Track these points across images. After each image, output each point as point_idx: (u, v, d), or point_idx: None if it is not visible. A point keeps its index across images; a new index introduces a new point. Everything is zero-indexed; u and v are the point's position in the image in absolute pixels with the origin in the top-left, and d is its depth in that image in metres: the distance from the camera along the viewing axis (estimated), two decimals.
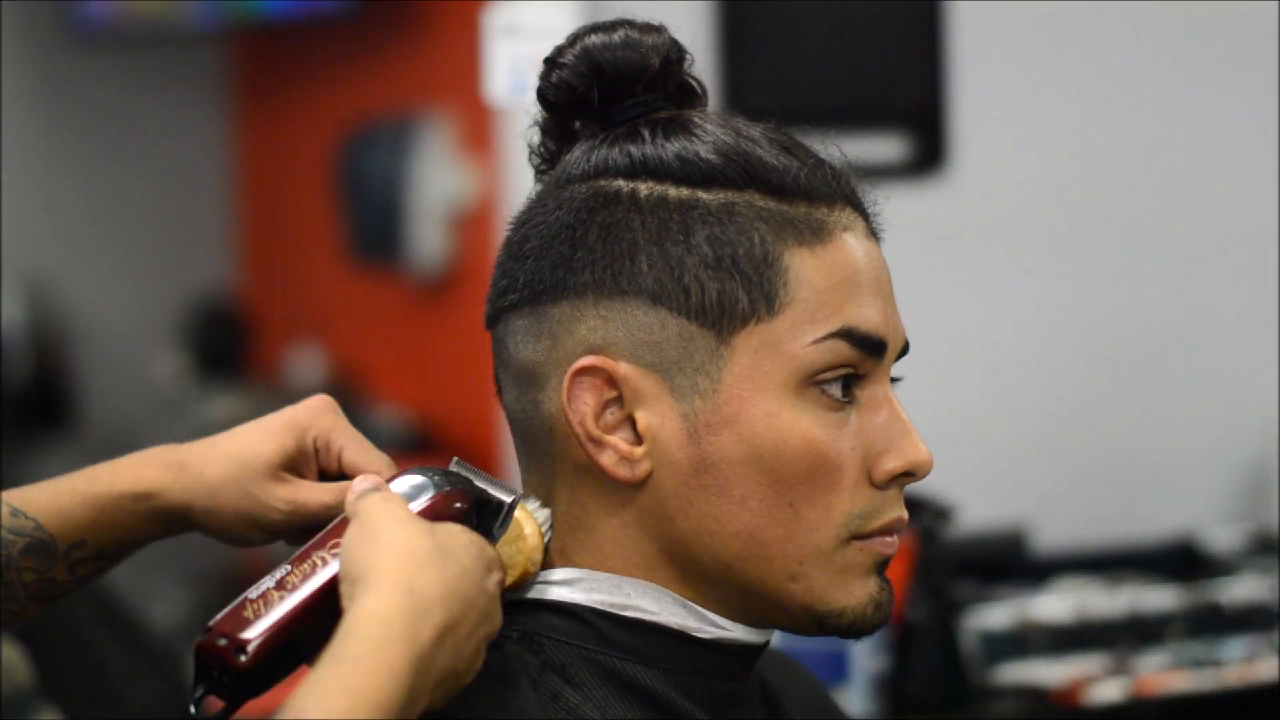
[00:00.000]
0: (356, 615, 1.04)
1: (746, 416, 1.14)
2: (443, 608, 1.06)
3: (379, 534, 1.09)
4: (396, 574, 1.06)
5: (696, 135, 1.17)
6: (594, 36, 1.19)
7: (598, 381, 1.15)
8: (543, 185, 1.21)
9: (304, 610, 1.10)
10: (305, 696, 1.01)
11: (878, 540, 1.17)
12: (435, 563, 1.07)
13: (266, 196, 5.43)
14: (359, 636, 1.03)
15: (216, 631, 1.10)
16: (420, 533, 1.09)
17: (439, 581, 1.07)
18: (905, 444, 1.16)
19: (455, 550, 1.09)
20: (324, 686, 1.01)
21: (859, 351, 1.15)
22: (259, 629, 1.09)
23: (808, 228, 1.16)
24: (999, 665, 2.50)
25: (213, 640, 1.09)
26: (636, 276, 1.14)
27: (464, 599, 1.08)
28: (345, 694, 1.01)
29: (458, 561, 1.09)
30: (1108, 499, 3.04)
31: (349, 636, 1.03)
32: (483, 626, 1.09)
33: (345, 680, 1.02)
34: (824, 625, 1.17)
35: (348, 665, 1.02)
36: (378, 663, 1.02)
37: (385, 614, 1.04)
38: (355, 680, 1.02)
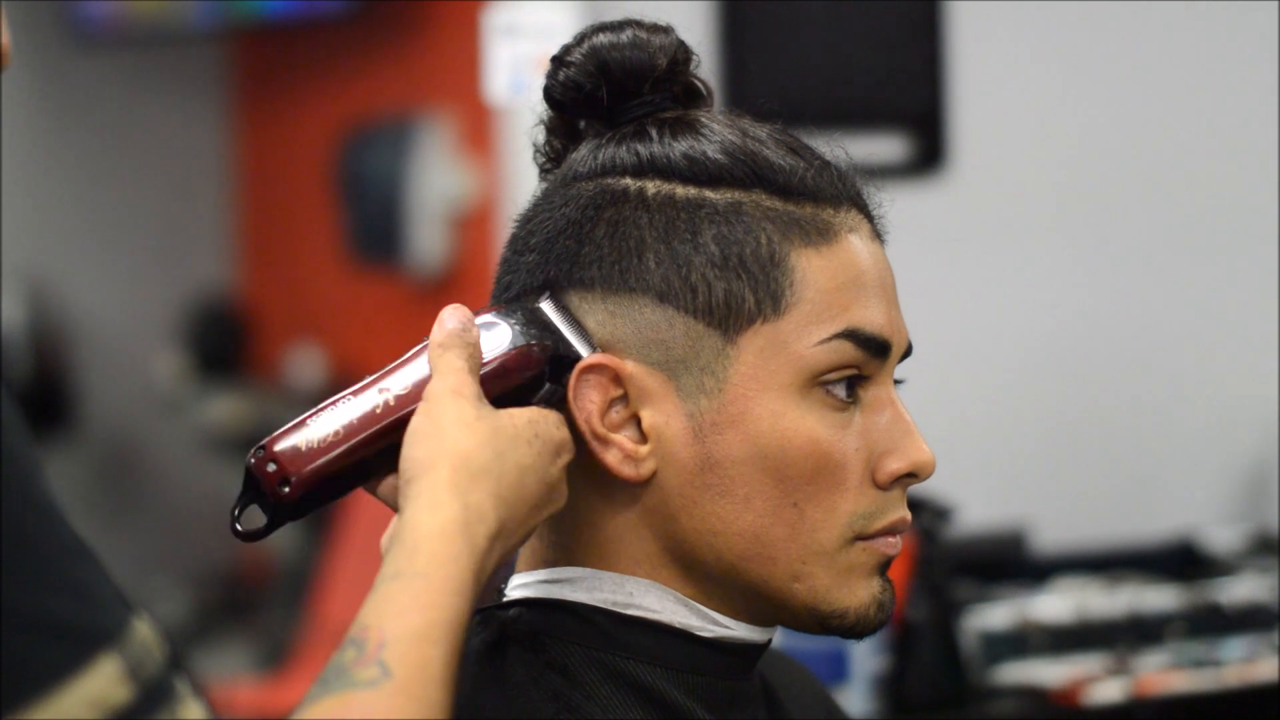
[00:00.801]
0: (418, 529, 1.05)
1: (751, 416, 1.14)
2: (495, 516, 1.07)
3: (442, 436, 1.09)
4: (454, 487, 1.07)
5: (704, 135, 1.17)
6: (602, 36, 1.19)
7: (603, 379, 1.15)
8: (548, 183, 1.21)
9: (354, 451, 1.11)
10: (381, 614, 1.02)
11: (881, 540, 1.17)
12: (492, 473, 1.08)
13: (266, 196, 5.43)
14: (425, 552, 1.04)
15: (268, 455, 1.11)
16: (481, 438, 1.09)
17: (493, 492, 1.07)
18: (909, 445, 1.16)
19: (516, 449, 1.09)
20: (400, 604, 1.02)
21: (864, 352, 1.15)
22: (307, 465, 1.10)
23: (814, 228, 1.16)
24: (999, 665, 2.51)
25: (263, 464, 1.11)
26: (644, 274, 1.15)
27: (516, 501, 1.09)
28: (420, 612, 1.02)
29: (516, 463, 1.09)
30: (1108, 499, 3.05)
31: (415, 552, 1.04)
32: (541, 510, 1.11)
33: (420, 598, 1.02)
34: (827, 625, 1.17)
35: (420, 582, 1.03)
36: (447, 578, 1.03)
37: (449, 529, 1.05)
38: (429, 598, 1.03)
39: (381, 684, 0.99)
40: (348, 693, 0.99)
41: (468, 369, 1.12)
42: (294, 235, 5.26)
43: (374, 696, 0.99)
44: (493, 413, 1.11)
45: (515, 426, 1.10)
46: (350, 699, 0.98)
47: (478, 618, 1.18)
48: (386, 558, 1.05)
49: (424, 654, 1.01)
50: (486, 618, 1.18)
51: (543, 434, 1.11)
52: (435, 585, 1.03)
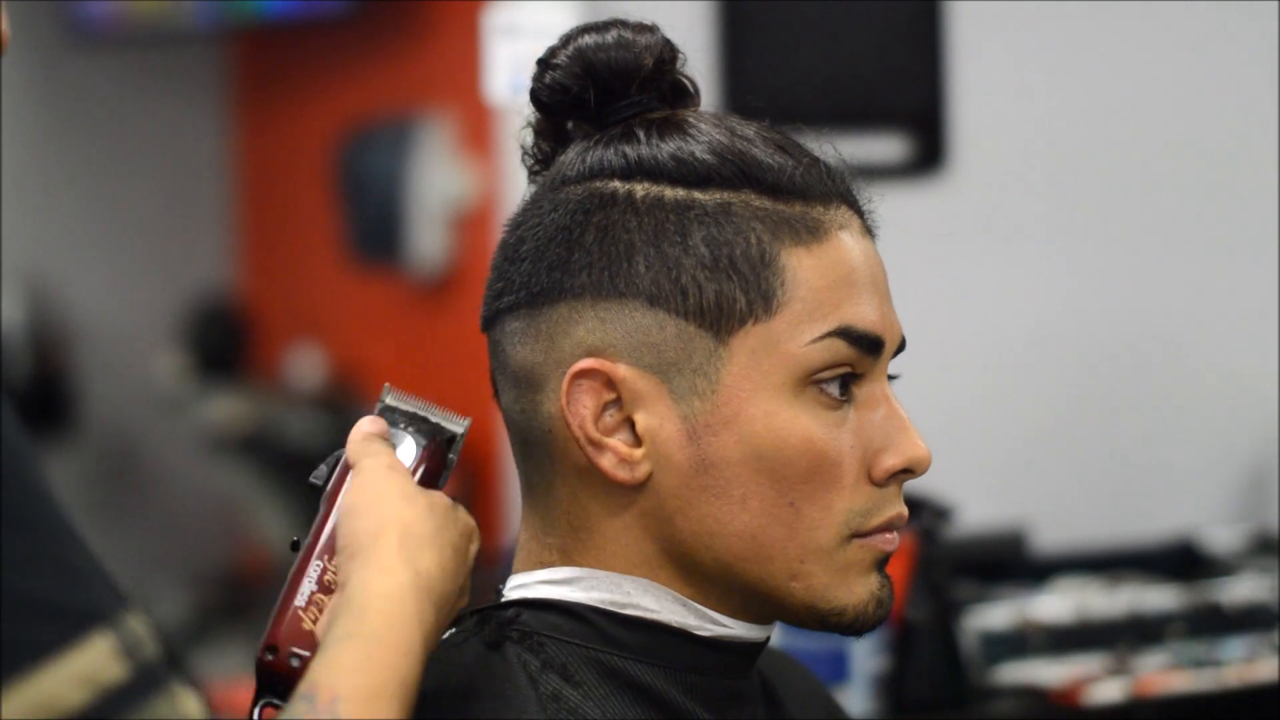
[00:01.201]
0: (369, 592, 1.05)
1: (745, 416, 1.14)
2: (441, 589, 1.08)
3: (384, 506, 1.10)
4: (404, 554, 1.07)
5: (691, 135, 1.17)
6: (587, 37, 1.19)
7: (596, 384, 1.15)
8: (537, 187, 1.21)
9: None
10: (331, 674, 1.02)
11: (878, 537, 1.17)
12: (434, 543, 1.09)
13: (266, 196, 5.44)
14: (376, 613, 1.04)
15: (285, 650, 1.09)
16: (421, 510, 1.10)
17: (438, 563, 1.09)
18: (904, 441, 1.16)
19: (448, 527, 1.11)
20: (349, 664, 1.02)
21: (857, 350, 1.15)
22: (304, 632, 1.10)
23: (804, 227, 1.16)
24: (999, 665, 2.50)
25: (284, 660, 1.09)
26: (634, 278, 1.15)
27: (456, 577, 1.10)
28: (371, 673, 1.02)
29: (450, 540, 1.11)
30: (1108, 499, 3.05)
31: (365, 614, 1.04)
32: (461, 599, 1.12)
33: (371, 660, 1.02)
34: (825, 623, 1.17)
35: (373, 644, 1.03)
36: (398, 640, 1.04)
37: (399, 593, 1.06)
38: (380, 659, 1.03)
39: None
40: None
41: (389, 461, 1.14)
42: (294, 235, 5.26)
43: None
44: (424, 490, 1.13)
45: (444, 506, 1.13)
46: None
47: (476, 617, 1.18)
48: (334, 622, 1.05)
49: (376, 711, 1.01)
50: (485, 617, 1.18)
51: (463, 519, 1.14)
52: (388, 646, 1.03)
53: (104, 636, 0.88)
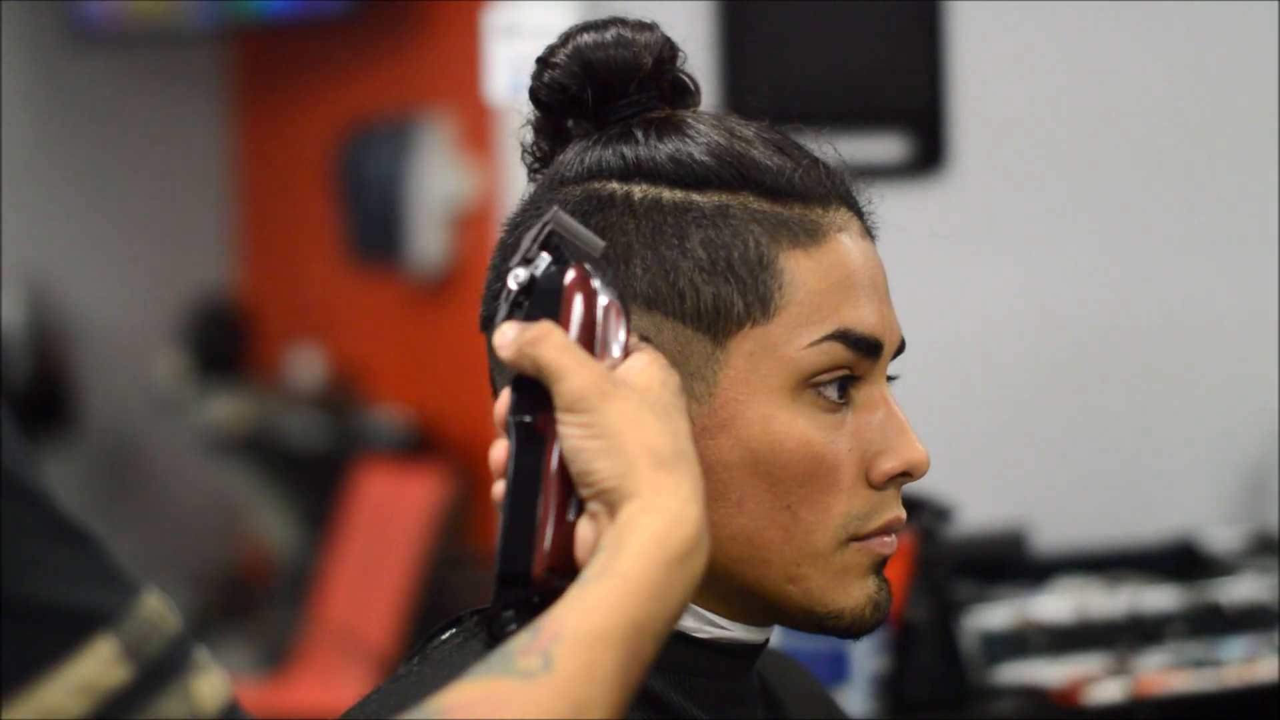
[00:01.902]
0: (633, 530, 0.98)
1: (743, 420, 1.14)
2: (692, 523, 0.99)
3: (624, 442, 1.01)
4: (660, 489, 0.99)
5: (690, 136, 1.16)
6: (586, 35, 1.18)
7: None
8: (536, 187, 1.21)
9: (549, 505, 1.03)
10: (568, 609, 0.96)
11: (876, 540, 1.17)
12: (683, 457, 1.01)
13: (266, 196, 5.43)
14: (631, 551, 0.98)
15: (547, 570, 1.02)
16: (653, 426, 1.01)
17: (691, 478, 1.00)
18: (902, 444, 1.16)
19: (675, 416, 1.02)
20: (589, 601, 0.96)
21: (855, 353, 1.15)
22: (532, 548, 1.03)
23: (802, 229, 1.15)
24: (999, 665, 2.50)
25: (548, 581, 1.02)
26: (631, 281, 1.14)
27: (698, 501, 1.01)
28: (606, 612, 0.95)
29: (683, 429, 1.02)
30: (1108, 499, 3.04)
31: (619, 550, 0.98)
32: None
33: (609, 598, 0.96)
34: (823, 626, 1.17)
35: (616, 580, 0.97)
36: (645, 583, 0.97)
37: (660, 534, 0.98)
38: (620, 599, 0.96)
39: (538, 677, 0.93)
40: (500, 678, 0.93)
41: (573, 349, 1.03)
42: (294, 235, 5.26)
43: (523, 688, 0.92)
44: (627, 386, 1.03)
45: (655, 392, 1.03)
46: (497, 685, 0.92)
47: (476, 618, 1.18)
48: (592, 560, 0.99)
49: (597, 654, 0.94)
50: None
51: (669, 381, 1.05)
52: (633, 587, 0.97)
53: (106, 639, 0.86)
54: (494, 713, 0.91)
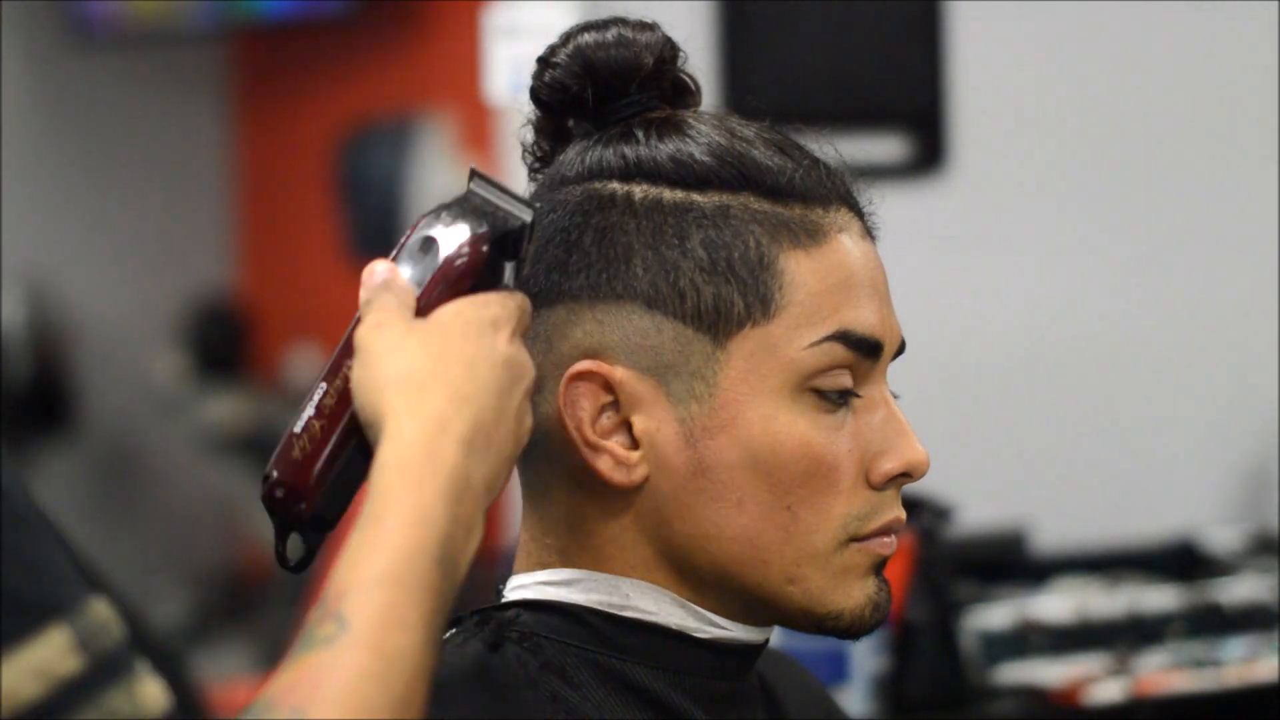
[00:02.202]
0: (376, 467, 1.01)
1: (743, 420, 1.14)
2: (459, 418, 1.03)
3: (378, 371, 1.05)
4: (403, 409, 1.02)
5: (690, 137, 1.17)
6: (587, 35, 1.18)
7: (594, 386, 1.15)
8: (537, 186, 1.21)
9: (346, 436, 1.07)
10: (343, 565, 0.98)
11: (875, 541, 1.17)
12: (439, 376, 1.03)
13: (266, 196, 5.44)
14: (381, 490, 1.00)
15: (273, 482, 1.07)
16: (414, 351, 1.05)
17: (448, 394, 1.03)
18: (902, 444, 1.16)
19: (453, 344, 1.05)
20: (359, 555, 0.98)
21: (855, 353, 1.15)
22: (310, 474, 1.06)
23: (803, 230, 1.15)
24: (999, 665, 2.50)
25: (271, 491, 1.07)
26: (632, 281, 1.14)
27: (480, 390, 1.04)
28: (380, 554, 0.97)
29: (460, 358, 1.05)
30: (1108, 499, 3.04)
31: (373, 494, 1.00)
32: (512, 397, 1.06)
33: (379, 540, 0.98)
34: (822, 627, 1.17)
35: (375, 524, 0.99)
36: (405, 510, 0.99)
37: (403, 457, 1.00)
38: (387, 538, 0.98)
39: (338, 639, 0.95)
40: (307, 655, 0.94)
41: (394, 304, 1.08)
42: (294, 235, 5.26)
43: (330, 655, 0.94)
44: (418, 322, 1.07)
45: (443, 324, 1.06)
46: (307, 662, 0.94)
47: (475, 618, 1.18)
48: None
49: (387, 598, 0.96)
50: (485, 618, 1.18)
51: (472, 317, 1.07)
52: (395, 522, 0.98)
53: (60, 630, 0.87)
54: (313, 689, 0.93)
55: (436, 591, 0.98)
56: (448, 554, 1.00)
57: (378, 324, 1.07)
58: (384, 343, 1.06)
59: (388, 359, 1.05)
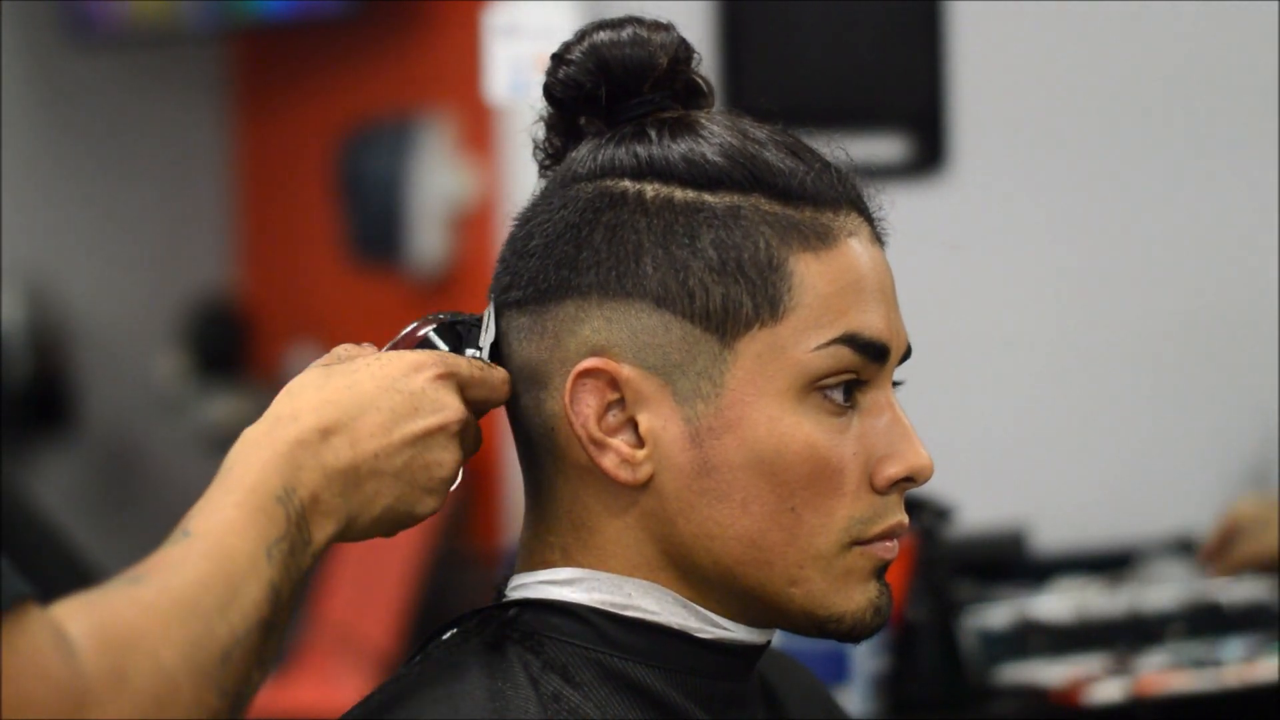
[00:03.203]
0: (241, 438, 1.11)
1: (749, 421, 1.14)
2: (315, 413, 1.10)
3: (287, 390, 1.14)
4: (269, 409, 1.12)
5: (703, 137, 1.17)
6: (602, 33, 1.19)
7: (600, 384, 1.15)
8: (548, 182, 1.21)
9: None
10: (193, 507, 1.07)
11: (878, 545, 1.17)
12: (313, 386, 1.12)
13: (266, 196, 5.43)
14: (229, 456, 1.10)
15: None
16: (308, 372, 1.14)
17: (313, 397, 1.11)
18: (906, 449, 1.16)
19: (347, 368, 1.13)
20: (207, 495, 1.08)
21: (862, 357, 1.15)
22: None
23: (813, 232, 1.16)
24: (999, 665, 2.50)
25: None
26: (641, 279, 1.14)
27: (351, 401, 1.11)
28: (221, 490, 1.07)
29: (346, 375, 1.13)
30: (1108, 499, 3.05)
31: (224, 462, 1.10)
32: (408, 422, 1.13)
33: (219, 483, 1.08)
34: (823, 629, 1.17)
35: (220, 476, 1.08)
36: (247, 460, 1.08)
37: (250, 434, 1.10)
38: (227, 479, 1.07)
39: (179, 541, 1.04)
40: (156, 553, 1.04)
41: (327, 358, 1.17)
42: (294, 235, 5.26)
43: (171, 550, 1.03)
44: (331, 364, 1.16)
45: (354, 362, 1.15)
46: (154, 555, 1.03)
47: (476, 618, 1.18)
48: None
49: (224, 514, 1.05)
50: (486, 617, 1.18)
51: (390, 358, 1.15)
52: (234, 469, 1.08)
53: None
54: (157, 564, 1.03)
55: (276, 522, 1.07)
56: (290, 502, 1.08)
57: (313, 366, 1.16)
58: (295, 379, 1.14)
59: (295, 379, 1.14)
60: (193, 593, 1.01)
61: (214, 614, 1.02)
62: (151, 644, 0.99)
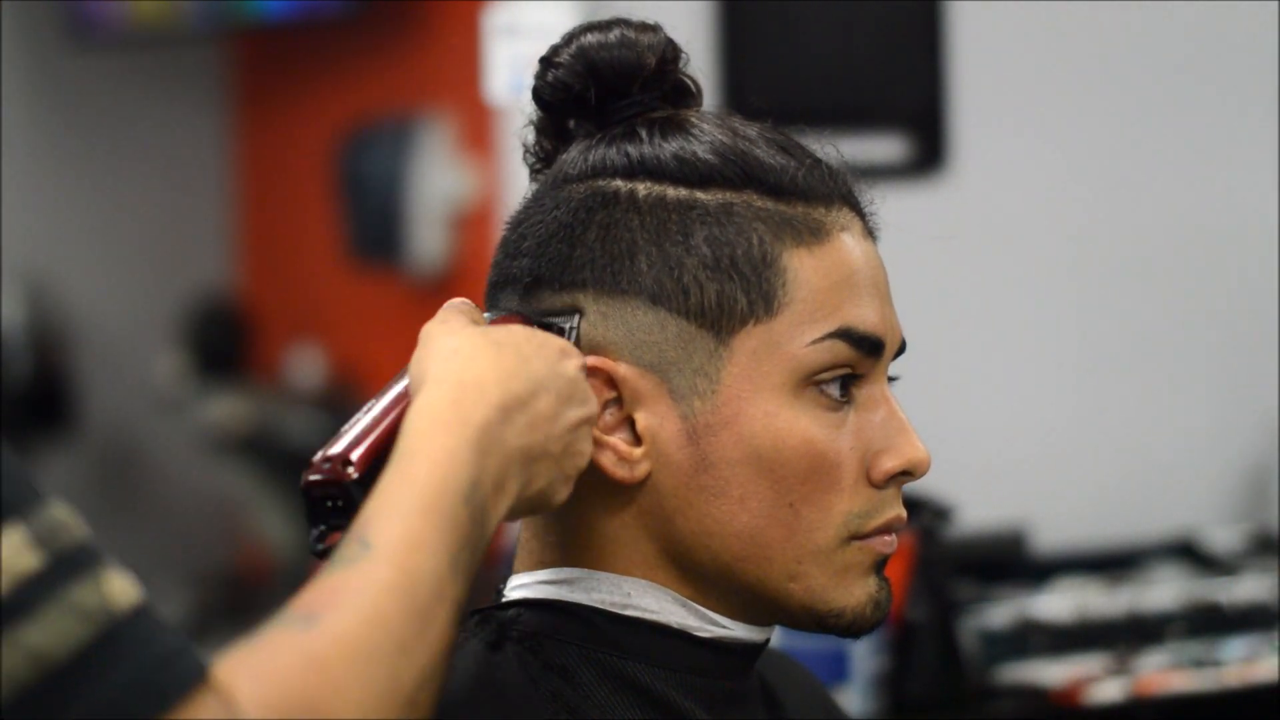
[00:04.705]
0: (409, 416, 1.05)
1: (745, 417, 1.14)
2: (499, 387, 1.06)
3: (432, 343, 1.09)
4: (445, 371, 1.06)
5: (694, 135, 1.17)
6: (590, 36, 1.19)
7: (597, 382, 1.15)
8: (539, 185, 1.21)
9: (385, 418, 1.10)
10: (372, 501, 1.00)
11: (877, 539, 1.17)
12: (488, 354, 1.07)
13: (266, 196, 5.44)
14: (411, 431, 1.03)
15: (318, 462, 1.08)
16: (472, 334, 1.09)
17: (492, 367, 1.07)
18: (903, 443, 1.16)
19: (513, 341, 1.09)
20: (386, 488, 1.01)
21: (857, 351, 1.15)
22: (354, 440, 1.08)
23: (806, 228, 1.16)
24: (999, 665, 2.50)
25: (318, 467, 1.08)
26: (636, 277, 1.15)
27: (529, 378, 1.07)
28: (405, 486, 1.00)
29: (516, 349, 1.08)
30: (1108, 499, 3.04)
31: (403, 436, 1.04)
32: (570, 409, 1.09)
33: (403, 474, 1.01)
34: (823, 624, 1.17)
35: (404, 460, 1.02)
36: (433, 449, 1.02)
37: (436, 405, 1.04)
38: (413, 470, 1.01)
39: (361, 558, 0.97)
40: (330, 574, 0.97)
41: (461, 313, 1.13)
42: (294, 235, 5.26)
43: (351, 571, 0.97)
44: (485, 327, 1.12)
45: (508, 329, 1.11)
46: (330, 579, 0.97)
47: (476, 618, 1.18)
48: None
49: (410, 524, 0.99)
50: (486, 618, 1.18)
51: (542, 336, 1.11)
52: (423, 458, 1.02)
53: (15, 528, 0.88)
54: (331, 597, 0.95)
55: (461, 528, 1.01)
56: (475, 498, 1.02)
57: (443, 320, 1.12)
58: (445, 329, 1.10)
59: (444, 339, 1.09)
60: (375, 636, 0.94)
61: (399, 656, 0.95)
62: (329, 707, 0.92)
